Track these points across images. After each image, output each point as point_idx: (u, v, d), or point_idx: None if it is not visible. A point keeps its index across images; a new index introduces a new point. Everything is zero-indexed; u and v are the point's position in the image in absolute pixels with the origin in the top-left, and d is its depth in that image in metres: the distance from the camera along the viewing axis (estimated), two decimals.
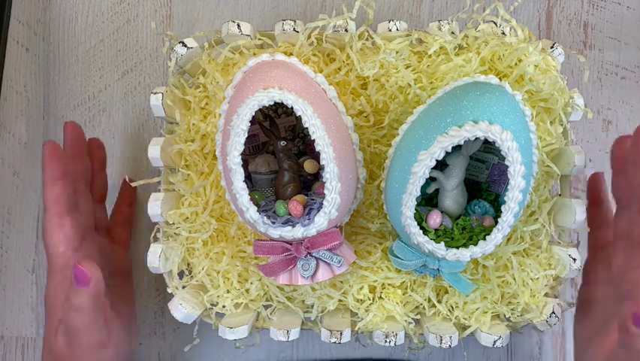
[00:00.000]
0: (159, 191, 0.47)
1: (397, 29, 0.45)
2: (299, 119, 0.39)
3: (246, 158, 0.47)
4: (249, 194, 0.39)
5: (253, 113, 0.38)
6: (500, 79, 0.43)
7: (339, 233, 0.41)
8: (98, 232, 0.50)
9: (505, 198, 0.38)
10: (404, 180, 0.39)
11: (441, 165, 0.43)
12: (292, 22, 0.45)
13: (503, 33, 0.45)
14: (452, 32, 0.45)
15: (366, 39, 0.46)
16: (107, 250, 0.49)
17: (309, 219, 0.40)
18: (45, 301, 0.45)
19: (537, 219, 0.46)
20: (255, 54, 0.46)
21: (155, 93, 0.45)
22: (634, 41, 0.56)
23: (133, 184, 0.48)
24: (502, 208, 0.39)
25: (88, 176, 0.50)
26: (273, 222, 0.40)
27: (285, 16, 0.57)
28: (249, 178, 0.47)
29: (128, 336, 0.47)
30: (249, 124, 0.38)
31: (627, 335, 0.37)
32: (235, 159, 0.38)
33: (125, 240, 0.53)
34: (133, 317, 0.51)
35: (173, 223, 0.47)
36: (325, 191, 0.39)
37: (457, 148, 0.40)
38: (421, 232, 0.40)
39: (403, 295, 0.47)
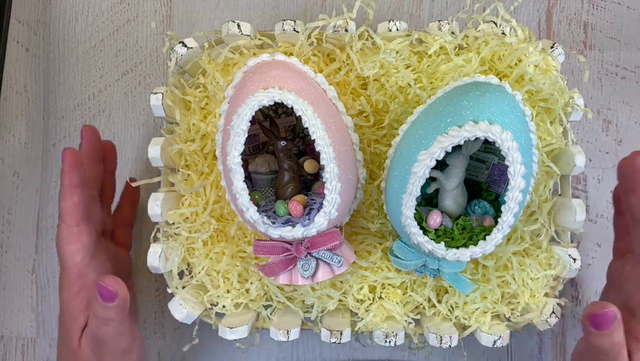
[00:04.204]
0: (159, 191, 0.47)
1: (397, 29, 0.45)
2: (299, 119, 0.39)
3: (246, 158, 0.47)
4: (249, 194, 0.39)
5: (253, 113, 0.38)
6: (500, 79, 0.43)
7: (339, 233, 0.41)
8: (103, 235, 0.49)
9: (505, 198, 0.38)
10: (404, 180, 0.39)
11: (441, 165, 0.43)
12: (292, 22, 0.45)
13: (503, 33, 0.45)
14: (452, 32, 0.45)
15: (366, 39, 0.46)
16: (112, 253, 0.49)
17: (309, 219, 0.40)
18: (61, 309, 0.44)
19: (537, 219, 0.46)
20: (255, 54, 0.46)
21: (155, 93, 0.45)
22: (634, 41, 0.56)
23: (133, 184, 0.48)
24: (502, 208, 0.39)
25: (100, 181, 0.49)
26: (273, 222, 0.40)
27: (285, 16, 0.57)
28: (249, 178, 0.47)
29: (143, 338, 0.48)
30: (249, 124, 0.38)
31: (586, 332, 0.40)
32: (235, 159, 0.38)
33: (127, 242, 0.53)
34: (137, 317, 0.52)
35: (173, 223, 0.47)
36: (325, 191, 0.39)
37: (457, 148, 0.40)
38: (421, 232, 0.40)
39: (403, 295, 0.47)
